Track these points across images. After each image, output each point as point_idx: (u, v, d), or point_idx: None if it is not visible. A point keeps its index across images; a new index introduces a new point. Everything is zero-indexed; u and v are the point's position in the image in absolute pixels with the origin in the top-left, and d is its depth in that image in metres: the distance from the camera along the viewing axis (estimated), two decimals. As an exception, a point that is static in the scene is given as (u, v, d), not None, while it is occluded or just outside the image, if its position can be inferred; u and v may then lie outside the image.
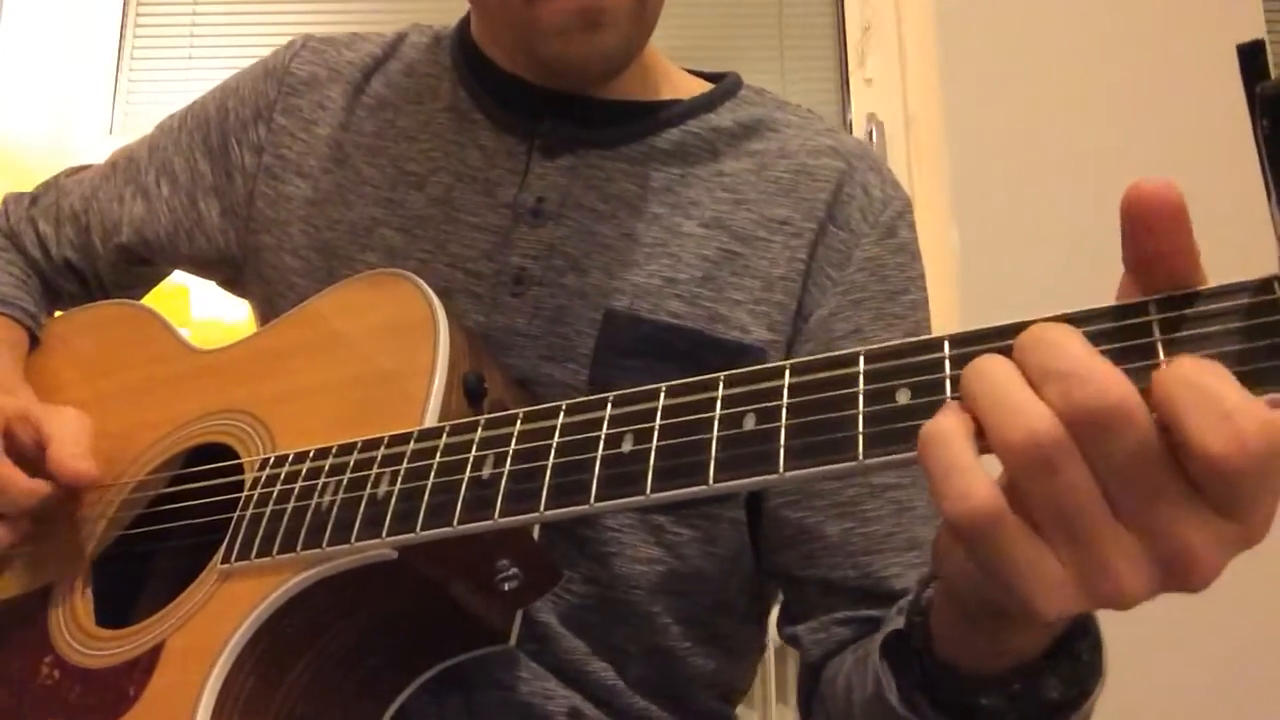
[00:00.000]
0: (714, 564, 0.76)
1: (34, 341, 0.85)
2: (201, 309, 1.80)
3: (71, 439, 0.69)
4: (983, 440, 0.38)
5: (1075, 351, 0.37)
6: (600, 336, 0.74)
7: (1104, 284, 0.41)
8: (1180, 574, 0.37)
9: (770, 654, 1.66)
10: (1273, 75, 0.36)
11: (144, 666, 0.61)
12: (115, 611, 0.68)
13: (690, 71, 0.88)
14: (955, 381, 0.41)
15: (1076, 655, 0.52)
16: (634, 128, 0.80)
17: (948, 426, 0.39)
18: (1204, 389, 0.35)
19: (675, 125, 0.81)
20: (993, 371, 0.39)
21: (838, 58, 2.11)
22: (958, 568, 0.46)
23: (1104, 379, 0.36)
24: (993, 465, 0.39)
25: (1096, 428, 0.36)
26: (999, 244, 1.74)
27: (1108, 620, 0.48)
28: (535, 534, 0.63)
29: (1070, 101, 1.82)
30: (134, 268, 0.92)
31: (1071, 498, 0.37)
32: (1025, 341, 0.39)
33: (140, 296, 0.95)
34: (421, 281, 0.68)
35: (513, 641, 0.65)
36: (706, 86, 0.85)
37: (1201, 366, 0.36)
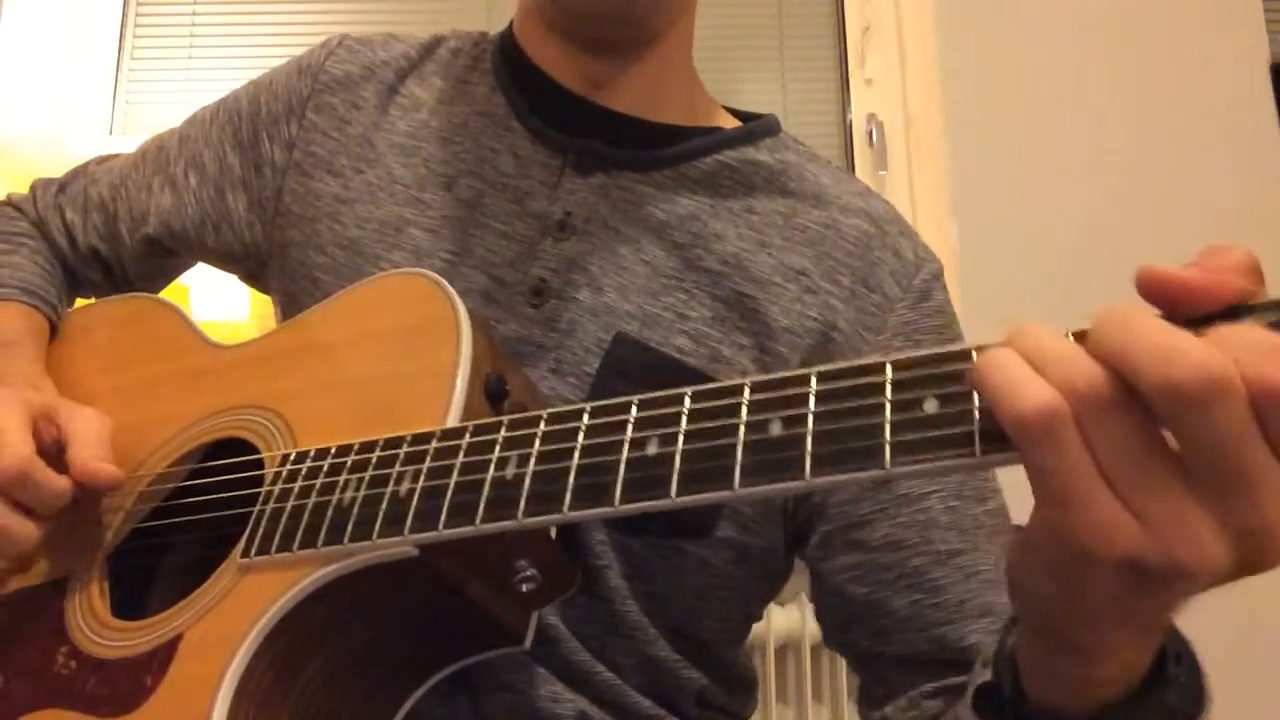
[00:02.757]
0: (680, 595, 0.75)
1: (53, 332, 0.85)
2: (202, 309, 1.78)
3: (93, 440, 0.69)
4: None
5: (1159, 324, 0.37)
6: (606, 357, 0.74)
7: (1103, 283, 0.40)
8: (1260, 547, 0.37)
9: (770, 654, 1.65)
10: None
11: (162, 658, 0.61)
12: (130, 604, 0.68)
13: (731, 112, 0.88)
14: None
15: (1172, 680, 0.49)
16: (671, 152, 0.81)
17: (1002, 352, 0.39)
18: (1262, 343, 0.35)
19: (711, 154, 0.81)
20: (1035, 332, 0.39)
21: (838, 58, 2.11)
22: (1036, 580, 0.44)
23: (1196, 349, 0.35)
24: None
25: (1193, 403, 0.35)
26: (999, 244, 1.75)
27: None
28: (553, 536, 0.63)
29: (1070, 101, 1.83)
30: (158, 259, 0.92)
31: (1130, 446, 0.37)
32: (1099, 322, 0.38)
33: (161, 289, 0.96)
34: (444, 281, 0.67)
35: (528, 644, 0.65)
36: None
37: (1243, 328, 0.36)
